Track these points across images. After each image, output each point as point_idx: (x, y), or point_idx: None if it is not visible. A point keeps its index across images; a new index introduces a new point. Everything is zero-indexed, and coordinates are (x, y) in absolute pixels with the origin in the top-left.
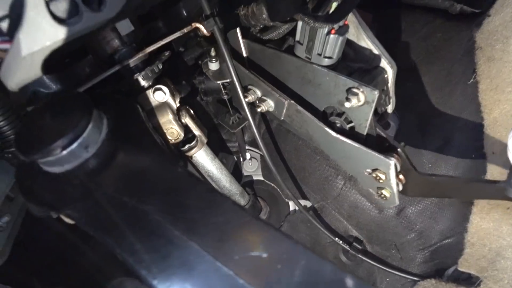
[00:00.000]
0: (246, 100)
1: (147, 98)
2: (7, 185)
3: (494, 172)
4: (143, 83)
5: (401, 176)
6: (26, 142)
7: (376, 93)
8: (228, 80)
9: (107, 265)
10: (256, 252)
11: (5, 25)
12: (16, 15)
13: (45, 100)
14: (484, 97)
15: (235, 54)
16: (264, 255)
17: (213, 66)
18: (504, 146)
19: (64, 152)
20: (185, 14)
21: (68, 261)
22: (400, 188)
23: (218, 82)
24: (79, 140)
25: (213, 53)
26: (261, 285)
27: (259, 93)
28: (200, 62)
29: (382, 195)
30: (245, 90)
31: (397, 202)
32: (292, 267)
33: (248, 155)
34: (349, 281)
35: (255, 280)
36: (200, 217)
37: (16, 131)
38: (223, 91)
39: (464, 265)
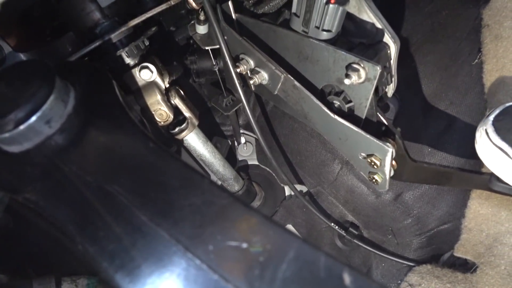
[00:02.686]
0: (238, 70)
1: (133, 77)
2: None
3: None
4: (128, 60)
5: (393, 162)
6: None
7: (379, 68)
8: (217, 46)
9: None
10: (235, 242)
11: None
12: None
13: None
14: (488, 78)
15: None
16: (244, 245)
17: (201, 29)
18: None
19: (21, 127)
20: None
21: (59, 249)
22: (392, 173)
23: (206, 47)
24: (38, 113)
25: (202, 17)
26: (239, 281)
27: (252, 63)
28: (191, 42)
29: (374, 180)
30: (237, 60)
31: (387, 187)
32: (279, 260)
33: (242, 139)
34: (347, 277)
35: (233, 275)
36: (175, 198)
37: None
38: (213, 61)
39: (461, 251)
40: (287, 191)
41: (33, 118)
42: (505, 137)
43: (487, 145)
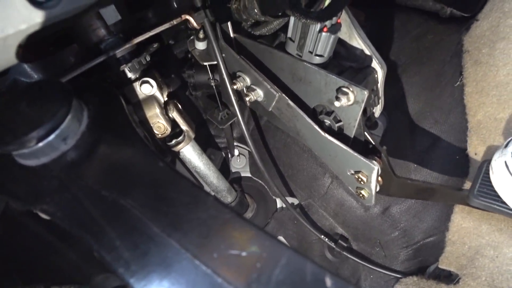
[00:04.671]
0: (234, 87)
1: (133, 91)
2: None
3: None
4: (130, 75)
5: (379, 178)
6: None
7: (366, 93)
8: (215, 62)
9: (92, 260)
10: (236, 251)
11: None
12: None
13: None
14: (469, 100)
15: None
16: (244, 254)
17: (200, 45)
18: (487, 148)
19: (40, 144)
20: (175, 5)
21: (51, 256)
22: (378, 189)
23: (204, 63)
24: (57, 132)
25: (201, 35)
26: (240, 283)
27: (248, 81)
28: (189, 56)
29: (361, 195)
30: (234, 77)
31: (373, 202)
32: (272, 266)
33: (236, 152)
34: (329, 281)
35: (234, 279)
36: (184, 213)
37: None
38: (211, 77)
39: (445, 263)
40: (279, 203)
41: (52, 136)
42: None
43: (506, 177)
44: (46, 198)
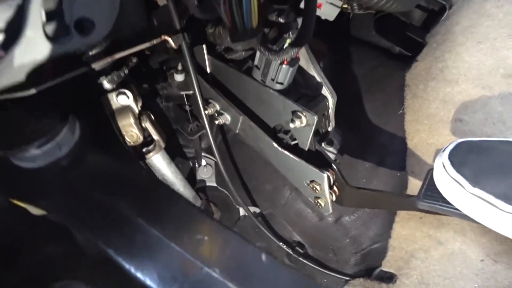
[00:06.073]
0: (206, 112)
1: (109, 100)
2: None
3: (413, 187)
4: (107, 85)
5: (335, 188)
6: (2, 137)
7: (315, 118)
8: (191, 92)
9: (51, 266)
10: (200, 236)
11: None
12: (12, 31)
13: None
14: (408, 127)
15: (199, 69)
16: (206, 238)
17: (179, 77)
18: (421, 167)
19: (38, 151)
20: (156, 24)
21: (10, 259)
22: (334, 198)
23: (181, 92)
24: (53, 142)
25: (179, 68)
26: (202, 259)
27: (218, 107)
28: (164, 67)
29: (319, 204)
30: (206, 102)
31: (330, 210)
32: (225, 247)
33: (203, 162)
34: (264, 257)
35: (199, 256)
36: (162, 209)
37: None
38: (186, 103)
39: (387, 265)
40: (242, 212)
41: (49, 145)
42: (460, 170)
43: (444, 177)
44: (42, 194)
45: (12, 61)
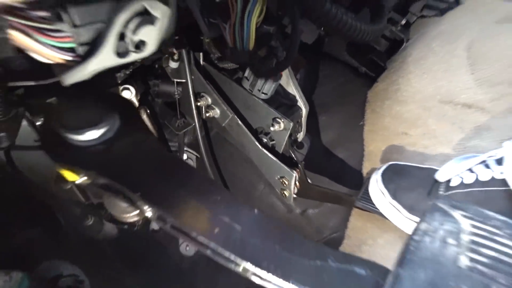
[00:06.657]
0: (198, 104)
1: None
2: None
3: None
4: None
5: (297, 183)
6: (69, 121)
7: (291, 124)
8: (183, 80)
9: (36, 247)
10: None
11: (81, 48)
12: (93, 46)
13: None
14: (366, 136)
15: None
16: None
17: (173, 64)
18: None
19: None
20: None
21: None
22: (295, 191)
23: (174, 79)
24: (104, 127)
25: (176, 57)
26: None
27: (209, 100)
28: (156, 65)
29: (284, 194)
30: (198, 96)
31: (292, 200)
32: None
33: (185, 156)
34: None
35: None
36: (186, 177)
37: (65, 113)
38: (176, 90)
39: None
40: None
41: (102, 130)
42: (386, 185)
43: (375, 188)
44: (89, 163)
45: (87, 69)
